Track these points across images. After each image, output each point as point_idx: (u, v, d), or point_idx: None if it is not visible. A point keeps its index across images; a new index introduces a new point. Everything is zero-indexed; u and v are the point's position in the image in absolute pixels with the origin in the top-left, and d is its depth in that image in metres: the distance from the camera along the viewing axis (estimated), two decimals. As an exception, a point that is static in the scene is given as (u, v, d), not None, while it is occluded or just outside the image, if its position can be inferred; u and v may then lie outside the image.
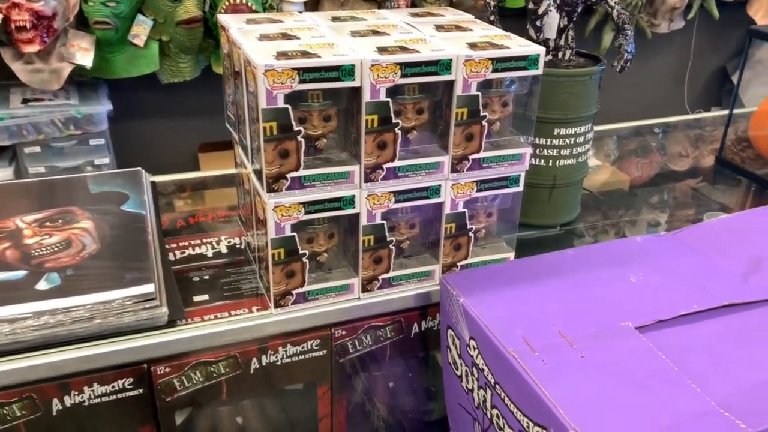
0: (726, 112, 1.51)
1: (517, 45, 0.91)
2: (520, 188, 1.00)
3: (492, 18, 1.16)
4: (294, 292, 0.92)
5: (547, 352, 0.79)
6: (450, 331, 0.94)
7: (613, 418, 0.70)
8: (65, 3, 2.09)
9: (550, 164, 1.15)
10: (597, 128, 1.78)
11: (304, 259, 0.91)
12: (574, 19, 1.12)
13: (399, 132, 0.88)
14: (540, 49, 0.90)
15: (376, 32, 0.95)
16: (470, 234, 1.00)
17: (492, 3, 1.17)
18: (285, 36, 0.91)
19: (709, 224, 1.09)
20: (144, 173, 1.26)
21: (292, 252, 0.90)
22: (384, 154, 0.89)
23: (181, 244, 1.13)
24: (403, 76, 0.85)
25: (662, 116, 1.98)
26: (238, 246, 1.13)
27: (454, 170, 0.94)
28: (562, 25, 1.12)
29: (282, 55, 0.81)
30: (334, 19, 1.03)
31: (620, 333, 0.83)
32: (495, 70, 0.89)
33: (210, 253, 1.11)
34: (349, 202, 0.90)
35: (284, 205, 0.86)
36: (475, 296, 0.89)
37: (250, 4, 2.20)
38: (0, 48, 2.10)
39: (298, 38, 0.90)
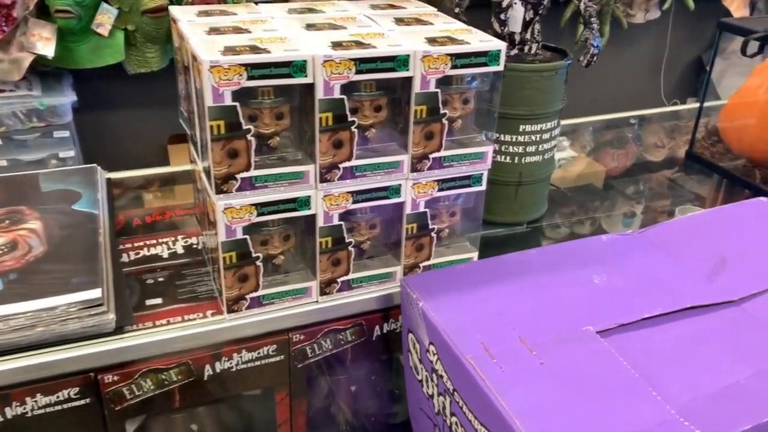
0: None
1: (477, 40, 0.88)
2: (483, 187, 0.97)
3: (457, 10, 1.13)
4: (248, 296, 0.89)
5: (505, 359, 0.77)
6: (410, 335, 0.91)
7: (570, 430, 0.68)
8: (25, -9, 2.03)
9: (516, 161, 1.12)
10: (573, 120, 1.77)
11: (258, 263, 0.88)
12: (540, 12, 1.09)
13: (355, 130, 0.85)
14: (501, 45, 0.87)
15: (333, 26, 0.91)
16: (432, 234, 0.97)
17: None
18: (236, 29, 0.87)
19: (675, 223, 1.07)
20: (99, 170, 1.22)
21: (244, 255, 0.86)
22: (340, 153, 0.85)
23: (136, 245, 1.10)
24: (359, 72, 0.81)
25: (639, 107, 1.97)
26: (195, 246, 1.09)
27: (414, 169, 0.90)
28: (527, 18, 1.09)
29: (230, 50, 0.78)
30: (291, 11, 0.99)
31: (581, 338, 0.80)
32: (454, 67, 0.86)
33: (166, 254, 1.07)
34: (305, 203, 0.87)
35: (234, 206, 0.82)
36: (435, 299, 0.86)
37: (217, -7, 2.15)
38: (-43, 38, 2.03)
39: (249, 32, 0.86)
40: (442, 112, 0.88)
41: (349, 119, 0.84)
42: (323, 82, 0.80)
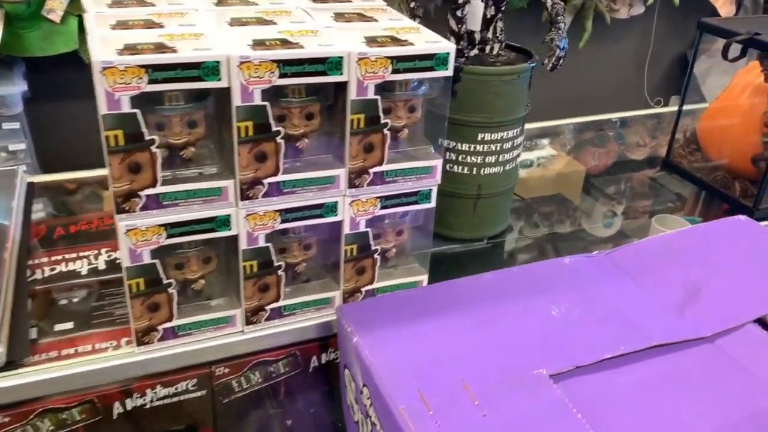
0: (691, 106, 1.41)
1: (423, 41, 0.77)
2: (432, 204, 0.87)
3: (413, 4, 1.02)
4: (160, 327, 0.79)
5: (443, 411, 0.67)
6: (347, 371, 0.81)
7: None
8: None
9: (474, 172, 1.02)
10: (554, 122, 1.69)
11: (171, 290, 0.77)
12: (503, 8, 0.99)
13: (281, 141, 0.74)
14: (450, 47, 0.77)
15: (261, 21, 0.80)
16: (376, 256, 0.87)
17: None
18: (148, 24, 0.76)
19: (645, 244, 0.97)
20: (20, 173, 1.11)
21: (154, 282, 0.76)
22: (264, 167, 0.75)
23: (53, 259, 0.99)
24: (282, 75, 0.71)
25: (622, 104, 1.88)
26: (119, 261, 0.98)
27: (352, 185, 0.80)
28: (488, 16, 0.99)
29: (129, 48, 0.67)
30: (219, 2, 0.88)
31: (532, 383, 0.71)
32: (396, 71, 0.75)
33: (85, 270, 0.97)
34: (224, 222, 0.76)
35: (139, 228, 0.72)
36: (371, 334, 0.76)
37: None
38: None
39: (161, 26, 0.75)
40: (383, 121, 0.78)
41: (274, 129, 0.73)
42: (240, 86, 0.69)
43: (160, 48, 0.68)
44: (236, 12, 0.83)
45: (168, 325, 0.79)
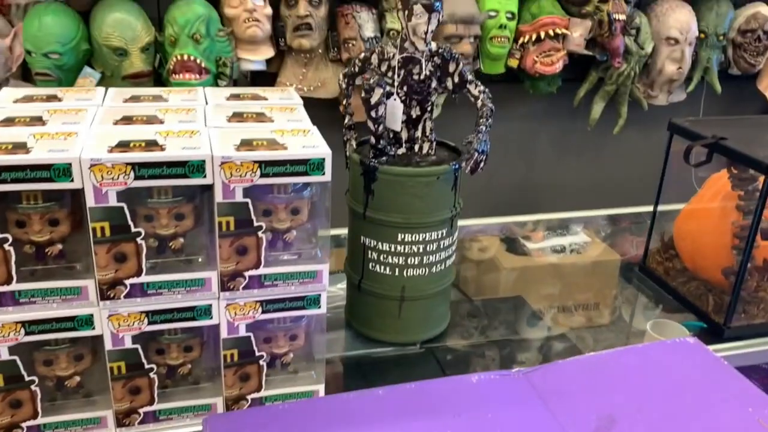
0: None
1: (301, 145, 0.75)
2: (322, 310, 0.83)
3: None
4: (24, 425, 0.77)
5: None
6: (211, 486, 0.76)
7: None
8: (8, 53, 2.04)
9: (397, 273, 0.97)
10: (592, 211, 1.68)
11: (34, 387, 0.76)
12: (430, 108, 0.96)
13: (142, 242, 0.73)
14: (325, 153, 0.74)
15: (149, 119, 0.80)
16: (261, 362, 0.83)
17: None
18: (34, 121, 0.77)
19: (572, 363, 0.89)
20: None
21: (14, 378, 0.74)
22: (124, 267, 0.73)
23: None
24: (138, 177, 0.70)
25: (667, 194, 1.79)
26: None
27: (225, 288, 0.77)
28: (414, 116, 0.96)
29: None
30: (132, 98, 0.89)
31: None
32: (265, 175, 0.73)
33: None
34: (86, 322, 0.74)
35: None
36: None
37: (199, 61, 2.10)
38: (-60, 96, 2.05)
39: (44, 124, 0.77)
40: (256, 224, 0.75)
41: (134, 230, 0.72)
42: (93, 188, 0.69)
43: (19, 149, 0.68)
44: (131, 110, 0.83)
45: (32, 423, 0.77)
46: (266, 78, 2.23)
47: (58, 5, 1.98)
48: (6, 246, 0.69)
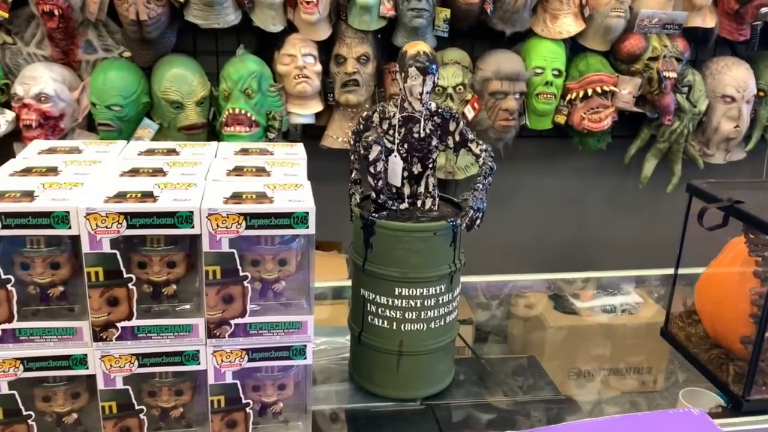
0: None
1: (287, 200, 0.78)
2: (308, 361, 0.84)
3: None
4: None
5: None
6: None
7: None
8: (75, 105, 2.19)
9: (395, 327, 0.98)
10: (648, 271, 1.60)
11: (31, 421, 0.80)
12: (431, 165, 0.98)
13: (133, 287, 0.77)
14: (309, 207, 0.77)
15: (153, 172, 0.86)
16: (248, 410, 0.85)
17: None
18: (49, 171, 0.84)
19: (564, 429, 0.86)
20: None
21: (12, 413, 0.79)
22: (116, 311, 0.77)
23: None
24: (130, 227, 0.74)
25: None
26: None
27: (212, 335, 0.80)
28: (416, 172, 0.98)
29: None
30: (146, 151, 0.95)
31: None
32: (251, 227, 0.76)
33: None
34: (81, 361, 0.79)
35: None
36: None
37: (249, 115, 2.20)
38: (15, 143, 2.22)
39: (57, 174, 0.83)
40: (242, 273, 0.78)
41: (125, 275, 0.76)
42: (88, 235, 0.74)
43: (24, 197, 0.74)
44: (140, 162, 0.89)
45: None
46: (315, 131, 2.31)
47: (123, 62, 2.13)
48: (9, 286, 0.75)
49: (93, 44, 2.18)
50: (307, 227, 0.78)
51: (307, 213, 0.77)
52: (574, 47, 2.24)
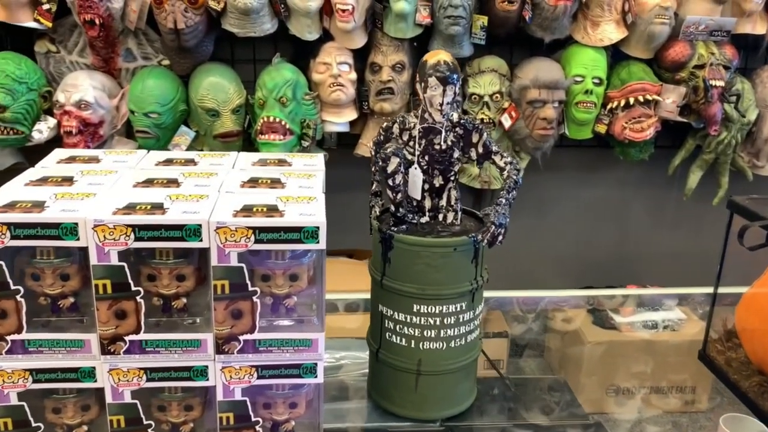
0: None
1: (298, 213, 0.76)
2: (319, 379, 0.81)
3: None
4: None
5: None
6: None
7: None
8: (115, 112, 2.23)
9: (413, 345, 0.94)
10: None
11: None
12: (452, 178, 0.95)
13: (141, 300, 0.76)
14: (320, 221, 0.75)
15: (167, 183, 0.84)
16: (257, 428, 0.82)
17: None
18: (64, 181, 0.84)
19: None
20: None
21: (21, 423, 0.79)
22: (125, 324, 0.76)
23: None
24: (138, 239, 0.73)
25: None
26: None
27: (221, 351, 0.78)
28: (437, 185, 0.95)
29: (8, 206, 0.74)
30: (165, 161, 0.94)
31: None
32: (259, 241, 0.74)
33: None
34: (89, 374, 0.78)
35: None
36: None
37: (284, 123, 2.20)
38: (57, 149, 2.26)
39: (71, 184, 0.83)
40: (251, 288, 0.76)
41: (134, 288, 0.75)
42: (96, 246, 0.73)
43: (34, 207, 0.74)
44: (158, 172, 0.88)
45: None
46: (349, 139, 2.30)
47: (161, 70, 2.16)
48: (18, 297, 0.74)
49: (133, 52, 2.21)
50: (318, 242, 0.75)
51: (318, 228, 0.75)
52: (615, 55, 2.17)
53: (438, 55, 0.87)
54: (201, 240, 0.74)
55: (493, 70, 2.14)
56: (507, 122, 2.19)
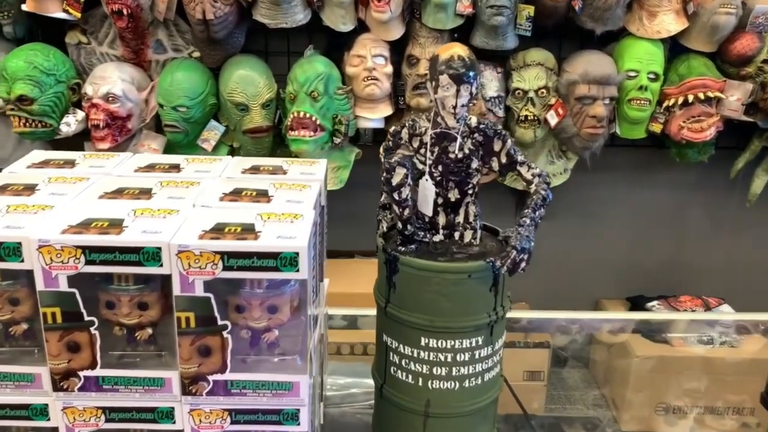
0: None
1: (275, 236, 0.65)
2: (303, 428, 0.70)
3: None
4: None
5: None
6: None
7: None
8: (143, 105, 2.17)
9: (421, 383, 0.82)
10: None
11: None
12: (470, 191, 0.82)
13: (96, 332, 0.66)
14: (299, 247, 0.63)
15: (138, 194, 0.74)
16: (233, 477, 0.72)
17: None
18: (25, 190, 0.74)
19: None
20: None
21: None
22: (78, 358, 0.66)
23: None
24: (89, 263, 0.63)
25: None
26: None
27: (187, 392, 0.68)
28: (453, 199, 0.82)
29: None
30: (147, 167, 0.84)
31: None
32: (228, 268, 0.63)
33: None
34: (41, 412, 0.68)
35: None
36: None
37: (314, 118, 2.10)
38: (86, 142, 2.22)
39: (32, 193, 0.73)
40: (221, 323, 0.66)
41: (86, 318, 0.65)
42: (42, 270, 0.63)
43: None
44: (130, 182, 0.78)
45: None
46: (384, 136, 2.19)
47: (191, 62, 2.08)
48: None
49: (163, 44, 2.14)
50: (297, 270, 0.64)
51: (297, 254, 0.63)
52: (674, 48, 2.00)
53: (452, 49, 0.74)
54: (161, 265, 0.63)
55: (539, 63, 1.99)
56: (553, 120, 2.04)
